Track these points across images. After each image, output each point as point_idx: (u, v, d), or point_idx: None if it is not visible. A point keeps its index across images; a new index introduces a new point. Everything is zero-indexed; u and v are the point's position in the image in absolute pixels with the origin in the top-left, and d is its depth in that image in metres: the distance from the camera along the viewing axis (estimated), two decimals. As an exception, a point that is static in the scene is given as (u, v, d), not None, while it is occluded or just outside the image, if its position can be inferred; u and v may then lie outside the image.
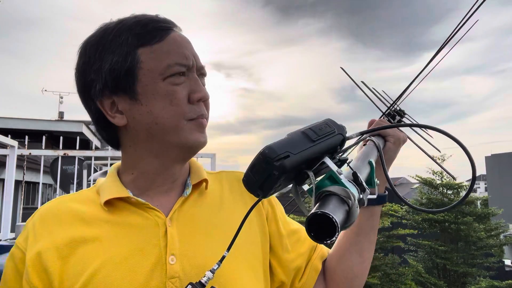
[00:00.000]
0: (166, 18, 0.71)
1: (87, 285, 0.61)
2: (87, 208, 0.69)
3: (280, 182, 0.54)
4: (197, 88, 0.68)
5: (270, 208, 0.81)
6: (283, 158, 0.52)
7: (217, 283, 0.60)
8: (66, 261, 0.63)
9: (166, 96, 0.65)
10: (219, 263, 0.59)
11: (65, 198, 0.73)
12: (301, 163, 0.55)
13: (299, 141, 0.56)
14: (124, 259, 0.63)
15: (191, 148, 0.69)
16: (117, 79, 0.66)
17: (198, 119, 0.68)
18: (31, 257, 0.64)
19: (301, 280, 0.81)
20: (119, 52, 0.66)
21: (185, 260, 0.65)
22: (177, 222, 0.68)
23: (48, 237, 0.65)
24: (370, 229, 0.83)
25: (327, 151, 0.59)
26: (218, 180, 0.80)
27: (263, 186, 0.54)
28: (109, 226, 0.66)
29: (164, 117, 0.66)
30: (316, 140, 0.57)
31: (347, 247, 0.83)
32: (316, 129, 0.59)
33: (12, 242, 2.64)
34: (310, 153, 0.56)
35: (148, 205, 0.68)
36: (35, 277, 0.63)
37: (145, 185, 0.71)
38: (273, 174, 0.52)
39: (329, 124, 0.61)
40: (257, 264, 0.74)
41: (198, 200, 0.74)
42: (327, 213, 0.46)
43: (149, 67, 0.66)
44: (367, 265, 0.84)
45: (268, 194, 0.55)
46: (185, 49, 0.68)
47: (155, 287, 0.62)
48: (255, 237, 0.76)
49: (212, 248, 0.67)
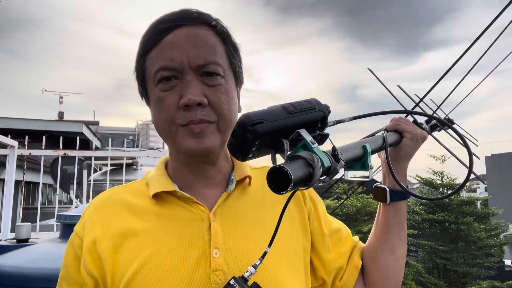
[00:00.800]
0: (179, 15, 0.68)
1: (136, 275, 0.64)
2: (137, 200, 0.73)
3: (255, 146, 0.60)
4: (185, 91, 0.64)
5: (313, 207, 0.81)
6: (257, 123, 0.58)
7: (258, 278, 0.61)
8: (118, 251, 0.67)
9: (157, 102, 0.67)
10: (261, 259, 0.61)
11: (118, 189, 0.77)
12: (275, 131, 0.60)
13: (276, 112, 0.62)
14: (171, 251, 0.66)
15: (188, 154, 0.68)
16: (140, 86, 0.72)
17: (189, 125, 0.65)
18: (87, 244, 0.68)
19: (342, 279, 0.83)
20: (137, 57, 0.71)
21: (228, 254, 0.67)
22: (220, 217, 0.70)
23: (103, 226, 0.70)
24: (398, 226, 0.84)
25: (305, 124, 0.64)
26: (261, 176, 0.78)
27: (241, 149, 0.60)
28: (157, 219, 0.70)
29: (158, 123, 0.68)
30: (293, 113, 0.62)
31: (379, 246, 0.84)
32: (296, 104, 0.64)
33: (12, 242, 2.64)
34: (285, 123, 0.61)
35: (193, 200, 0.70)
36: (91, 263, 0.67)
37: (183, 178, 0.74)
38: (247, 137, 0.58)
39: (311, 102, 0.67)
40: (298, 261, 0.75)
41: (241, 196, 0.75)
42: (283, 167, 0.52)
43: (148, 74, 0.69)
44: (402, 262, 0.84)
45: (246, 157, 0.60)
46: (176, 50, 0.65)
47: (200, 279, 0.64)
48: (296, 234, 0.77)
49: (254, 243, 0.69)
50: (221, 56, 0.68)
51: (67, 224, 2.26)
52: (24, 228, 2.69)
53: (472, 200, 10.00)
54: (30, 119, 11.42)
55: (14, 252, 2.19)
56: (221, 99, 0.66)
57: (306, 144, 0.61)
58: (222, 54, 0.69)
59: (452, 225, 9.54)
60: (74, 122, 12.50)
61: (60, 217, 2.31)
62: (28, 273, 1.87)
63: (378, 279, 0.83)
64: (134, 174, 5.44)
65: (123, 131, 24.24)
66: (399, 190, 0.83)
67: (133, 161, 5.56)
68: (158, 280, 0.64)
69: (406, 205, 0.87)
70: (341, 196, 10.67)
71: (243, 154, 0.60)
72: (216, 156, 0.72)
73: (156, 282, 0.64)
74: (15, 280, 1.87)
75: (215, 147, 0.68)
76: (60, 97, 15.34)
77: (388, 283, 0.83)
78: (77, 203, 4.28)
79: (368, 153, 0.74)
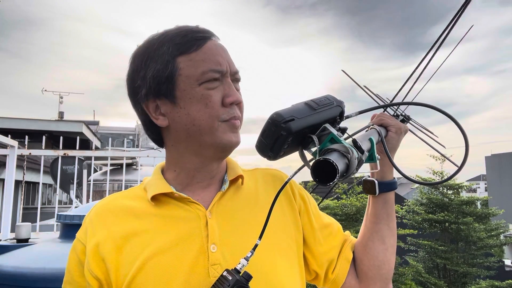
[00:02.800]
0: (205, 29, 0.77)
1: (140, 272, 0.68)
2: (137, 204, 0.77)
3: (287, 143, 0.62)
4: (230, 92, 0.73)
5: (303, 203, 0.86)
6: (289, 121, 0.61)
7: (251, 270, 0.64)
8: (121, 252, 0.71)
9: (202, 99, 0.71)
10: (252, 251, 0.65)
11: (117, 195, 0.81)
12: (305, 127, 0.63)
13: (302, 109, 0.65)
14: (171, 248, 0.70)
15: (225, 147, 0.74)
16: (159, 85, 0.73)
17: (231, 120, 0.73)
18: (90, 248, 0.72)
19: (334, 271, 0.87)
20: (161, 61, 0.73)
21: (225, 248, 0.71)
22: (216, 215, 0.75)
23: (104, 230, 0.73)
24: (387, 216, 0.89)
25: (327, 119, 0.67)
26: (253, 176, 0.87)
27: (273, 147, 0.62)
28: (157, 219, 0.74)
29: (200, 119, 0.72)
30: (317, 109, 0.66)
31: (369, 236, 0.88)
32: (317, 100, 0.68)
33: (12, 242, 2.64)
34: (313, 120, 0.64)
35: (190, 199, 0.75)
36: (95, 266, 0.70)
37: (186, 181, 0.78)
38: (281, 134, 0.60)
39: (328, 98, 0.71)
40: (292, 255, 0.79)
41: (235, 194, 0.80)
42: (329, 159, 0.54)
43: (187, 74, 0.72)
44: (392, 251, 0.89)
45: (278, 155, 0.63)
46: (220, 56, 0.73)
47: (199, 272, 0.69)
48: (288, 229, 0.81)
49: (249, 238, 0.72)
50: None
51: (67, 224, 2.25)
52: (24, 228, 2.70)
53: (472, 200, 10.00)
54: (30, 119, 11.42)
55: (14, 252, 2.19)
56: (243, 102, 0.77)
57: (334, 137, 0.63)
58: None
59: (452, 225, 9.54)
60: (74, 122, 12.51)
61: (60, 217, 2.31)
62: (28, 273, 1.87)
63: (370, 268, 0.87)
64: (134, 174, 5.44)
65: (123, 131, 24.27)
66: (387, 182, 0.89)
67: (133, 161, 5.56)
68: (160, 275, 0.68)
69: (394, 196, 0.92)
70: (341, 196, 10.66)
71: (275, 153, 0.63)
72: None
73: (158, 277, 0.67)
74: (15, 280, 1.87)
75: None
76: (60, 97, 15.34)
77: (378, 272, 0.87)
78: (77, 203, 4.29)
79: (374, 145, 0.78)
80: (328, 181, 0.55)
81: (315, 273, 0.87)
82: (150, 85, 0.73)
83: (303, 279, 0.82)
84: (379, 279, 0.86)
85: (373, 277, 0.86)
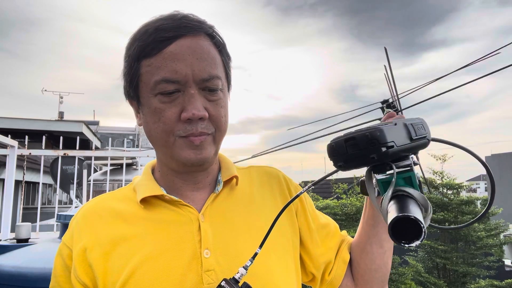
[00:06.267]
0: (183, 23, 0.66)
1: (129, 280, 0.64)
2: (125, 206, 0.72)
3: (368, 164, 0.54)
4: (188, 106, 0.64)
5: (300, 203, 0.82)
6: (390, 147, 0.51)
7: (249, 278, 0.60)
8: (108, 258, 0.66)
9: (155, 113, 0.66)
10: (251, 260, 0.60)
11: (105, 197, 0.76)
12: (396, 155, 0.54)
13: (401, 135, 0.55)
14: (161, 254, 0.66)
15: (185, 164, 0.68)
16: (129, 87, 0.70)
17: (189, 137, 0.66)
18: (77, 253, 0.67)
19: (331, 273, 0.83)
20: (128, 61, 0.68)
21: (219, 253, 0.67)
22: (209, 218, 0.70)
23: (91, 234, 0.69)
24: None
25: (415, 152, 0.59)
26: (248, 175, 0.82)
27: (351, 161, 0.53)
28: (146, 223, 0.69)
29: (156, 131, 0.67)
30: (414, 139, 0.57)
31: (367, 240, 0.84)
32: (415, 126, 0.58)
33: (12, 242, 2.64)
34: (406, 149, 0.55)
35: (181, 202, 0.70)
36: (82, 272, 0.67)
37: (171, 183, 0.73)
38: (372, 157, 0.51)
39: (424, 126, 0.61)
40: (288, 258, 0.75)
41: (229, 196, 0.75)
42: (418, 220, 0.44)
43: (145, 81, 0.67)
44: (389, 255, 0.85)
45: (348, 169, 0.55)
46: (180, 62, 0.64)
47: (192, 279, 0.64)
48: (285, 231, 0.77)
49: (244, 242, 0.69)
50: (220, 68, 0.69)
51: (67, 224, 2.25)
52: (24, 228, 2.70)
53: (471, 200, 9.99)
54: (30, 119, 11.40)
55: (14, 252, 2.19)
56: (220, 113, 0.68)
57: (413, 178, 0.55)
58: (221, 66, 0.70)
59: (451, 224, 9.53)
60: (74, 122, 12.49)
61: (60, 217, 2.31)
62: (28, 273, 1.88)
63: (366, 271, 0.84)
64: (134, 174, 5.43)
65: (123, 131, 24.24)
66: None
67: (133, 161, 5.57)
68: (150, 283, 0.63)
69: None
70: (341, 196, 10.66)
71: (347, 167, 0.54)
72: (209, 164, 0.73)
73: (149, 285, 0.63)
74: (15, 280, 1.87)
75: (211, 157, 0.70)
76: (60, 97, 15.34)
77: (375, 275, 0.83)
78: (77, 203, 4.29)
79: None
80: (411, 240, 0.45)
81: (311, 275, 0.83)
82: (124, 85, 0.72)
83: (299, 281, 0.79)
84: (375, 282, 0.84)
85: (369, 280, 0.84)
